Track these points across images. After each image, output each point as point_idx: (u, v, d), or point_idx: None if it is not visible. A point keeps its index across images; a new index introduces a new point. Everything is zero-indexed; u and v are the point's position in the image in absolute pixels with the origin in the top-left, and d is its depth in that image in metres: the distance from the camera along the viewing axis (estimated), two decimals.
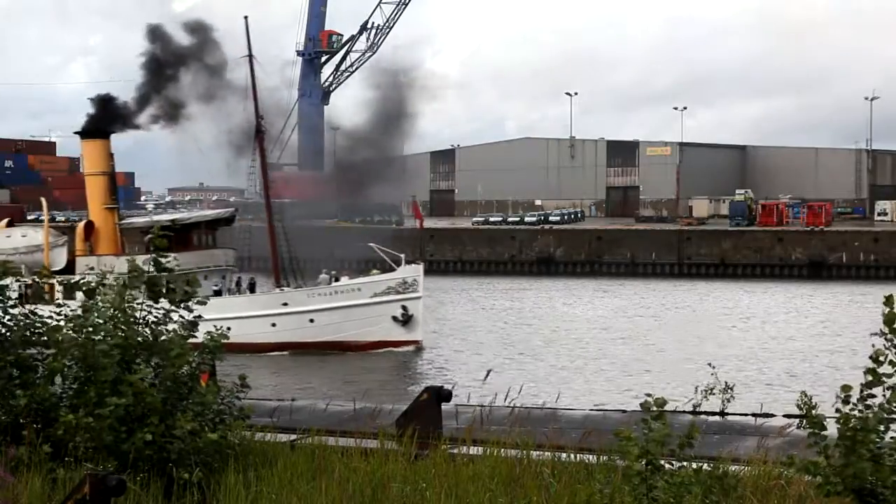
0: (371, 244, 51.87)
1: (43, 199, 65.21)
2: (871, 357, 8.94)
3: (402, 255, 51.98)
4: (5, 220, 61.31)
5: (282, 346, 50.48)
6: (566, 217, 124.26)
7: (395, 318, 50.82)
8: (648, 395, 9.87)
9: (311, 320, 51.25)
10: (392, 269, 51.88)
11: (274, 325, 51.34)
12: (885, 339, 9.08)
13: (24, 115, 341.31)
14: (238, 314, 50.32)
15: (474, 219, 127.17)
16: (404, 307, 50.76)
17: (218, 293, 53.11)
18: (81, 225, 56.38)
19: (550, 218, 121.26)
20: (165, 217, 58.83)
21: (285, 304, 52.08)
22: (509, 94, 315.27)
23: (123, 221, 58.43)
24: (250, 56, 56.65)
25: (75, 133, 59.12)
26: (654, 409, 9.59)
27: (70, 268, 53.53)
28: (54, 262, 53.23)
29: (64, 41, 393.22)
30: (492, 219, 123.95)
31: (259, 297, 53.72)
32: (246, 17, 57.62)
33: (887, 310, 9.00)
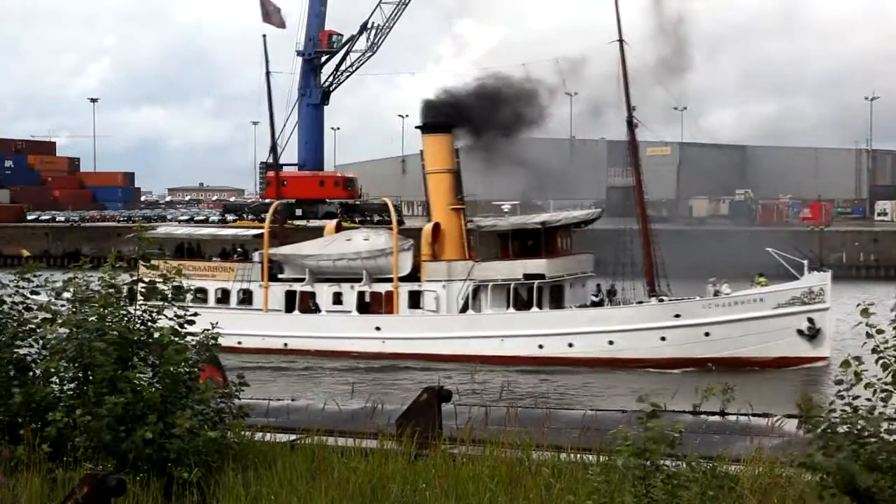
0: (769, 249, 45.83)
1: (388, 200, 60.54)
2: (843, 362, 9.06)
3: (805, 262, 45.90)
4: (333, 223, 58.09)
5: (671, 363, 44.80)
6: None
7: (800, 332, 45.27)
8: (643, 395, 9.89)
9: (707, 334, 45.89)
10: (795, 278, 45.72)
11: (663, 338, 46.07)
12: (876, 342, 9.14)
13: (32, 116, 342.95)
14: (622, 326, 46.66)
15: (474, 219, 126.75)
16: (811, 320, 45.10)
17: (598, 303, 48.74)
18: (429, 227, 51.67)
19: None
20: (533, 219, 52.09)
21: (678, 316, 46.48)
22: None
23: (483, 224, 53.68)
24: (621, 41, 50.68)
25: (416, 127, 54.12)
26: (649, 407, 9.61)
27: (414, 274, 49.95)
28: (400, 268, 49.69)
29: (77, 43, 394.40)
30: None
31: (647, 307, 47.95)
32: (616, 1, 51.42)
33: (865, 320, 9.12)
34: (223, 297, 51.95)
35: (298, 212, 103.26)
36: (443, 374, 41.92)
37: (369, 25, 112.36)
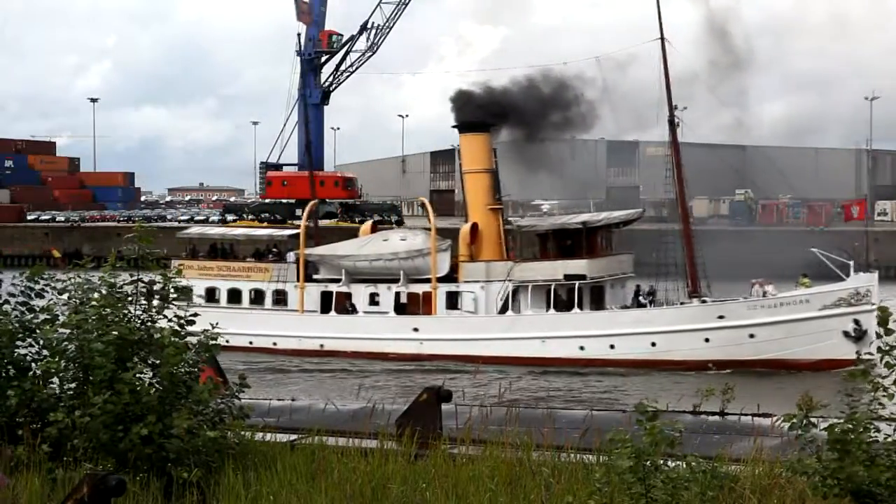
0: (813, 249, 45.20)
1: (425, 200, 59.36)
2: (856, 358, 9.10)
3: (851, 262, 45.00)
4: (369, 223, 57.01)
5: (715, 365, 43.20)
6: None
7: (846, 334, 44.14)
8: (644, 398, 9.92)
9: (752, 335, 45.11)
10: (841, 278, 44.80)
11: (707, 340, 45.25)
12: (881, 342, 9.19)
13: (34, 116, 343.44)
14: (665, 328, 46.02)
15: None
16: (857, 321, 44.03)
17: (641, 305, 48.05)
18: (466, 227, 50.94)
19: None
20: (573, 219, 50.95)
21: (721, 317, 45.74)
22: None
23: (524, 223, 53.11)
24: (662, 38, 49.71)
25: (453, 126, 53.08)
26: (649, 410, 9.63)
27: (451, 275, 49.44)
28: (437, 268, 49.07)
29: (79, 43, 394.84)
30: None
31: (690, 308, 47.17)
32: None
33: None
34: (257, 298, 51.53)
35: (298, 212, 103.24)
36: (454, 375, 41.83)
37: (369, 25, 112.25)
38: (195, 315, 12.35)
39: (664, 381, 41.91)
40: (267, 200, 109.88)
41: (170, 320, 12.20)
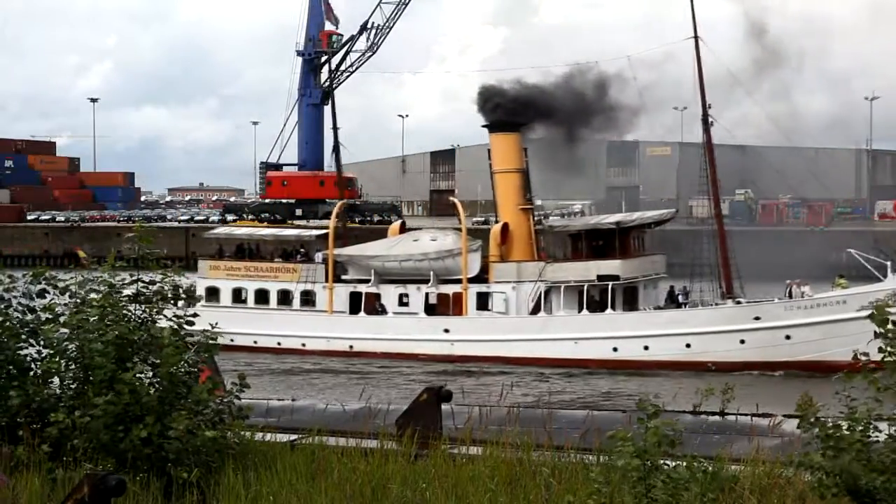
0: (850, 250, 45.37)
1: (456, 200, 59.09)
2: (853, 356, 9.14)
3: (889, 263, 44.61)
4: (398, 223, 56.59)
5: (751, 366, 43.36)
6: (567, 217, 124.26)
7: None
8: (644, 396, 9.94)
9: (788, 337, 44.53)
10: (879, 279, 44.12)
11: (742, 341, 44.68)
12: (882, 340, 9.21)
13: (34, 116, 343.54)
14: (700, 329, 45.44)
15: (474, 219, 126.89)
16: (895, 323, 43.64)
17: (679, 305, 47.64)
18: (497, 228, 50.56)
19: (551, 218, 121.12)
20: (606, 219, 50.64)
21: (757, 318, 45.09)
22: None
23: (555, 224, 52.80)
24: (696, 37, 49.38)
25: (483, 126, 52.65)
26: (650, 408, 9.64)
27: (482, 275, 49.01)
28: (468, 269, 48.77)
29: (79, 43, 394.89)
30: (492, 219, 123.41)
31: (725, 309, 46.56)
32: None
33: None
34: (284, 299, 51.25)
35: (298, 212, 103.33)
36: (455, 377, 41.74)
37: (369, 25, 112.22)
38: (195, 315, 12.34)
39: (697, 382, 41.53)
40: (267, 200, 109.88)
41: (169, 320, 12.18)
